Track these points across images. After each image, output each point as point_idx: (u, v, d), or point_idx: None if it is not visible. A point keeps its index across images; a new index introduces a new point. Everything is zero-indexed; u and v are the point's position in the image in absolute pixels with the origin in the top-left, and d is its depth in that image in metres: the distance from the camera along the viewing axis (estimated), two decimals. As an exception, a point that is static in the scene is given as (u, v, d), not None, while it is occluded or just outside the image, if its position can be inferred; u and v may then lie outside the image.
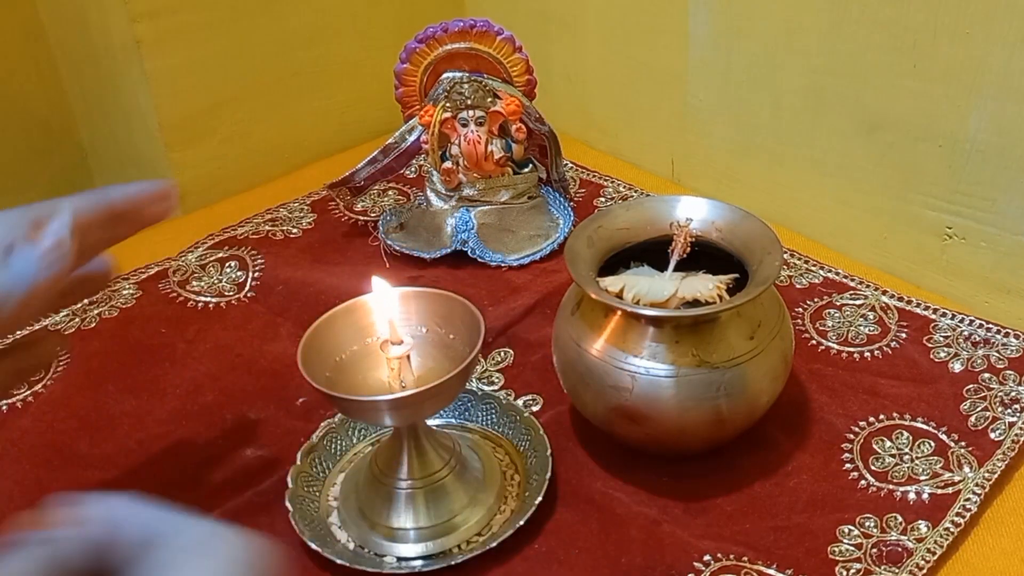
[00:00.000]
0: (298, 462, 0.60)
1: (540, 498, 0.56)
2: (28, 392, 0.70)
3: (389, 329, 0.55)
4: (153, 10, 0.86)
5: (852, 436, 0.62)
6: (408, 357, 0.54)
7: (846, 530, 0.56)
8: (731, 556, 0.54)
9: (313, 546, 0.54)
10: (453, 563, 0.53)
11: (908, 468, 0.59)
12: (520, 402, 0.66)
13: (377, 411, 0.53)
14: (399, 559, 0.54)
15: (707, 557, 0.54)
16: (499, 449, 0.61)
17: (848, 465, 0.60)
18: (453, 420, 0.64)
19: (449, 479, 0.56)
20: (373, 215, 0.88)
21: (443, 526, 0.55)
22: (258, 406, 0.68)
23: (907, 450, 0.61)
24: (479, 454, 0.60)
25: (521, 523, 0.54)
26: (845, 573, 0.53)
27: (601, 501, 0.58)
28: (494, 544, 0.54)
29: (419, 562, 0.54)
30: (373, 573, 0.53)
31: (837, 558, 0.54)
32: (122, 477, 0.63)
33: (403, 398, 0.51)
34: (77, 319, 0.77)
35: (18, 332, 0.53)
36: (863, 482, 0.59)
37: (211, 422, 0.67)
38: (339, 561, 0.53)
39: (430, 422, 0.59)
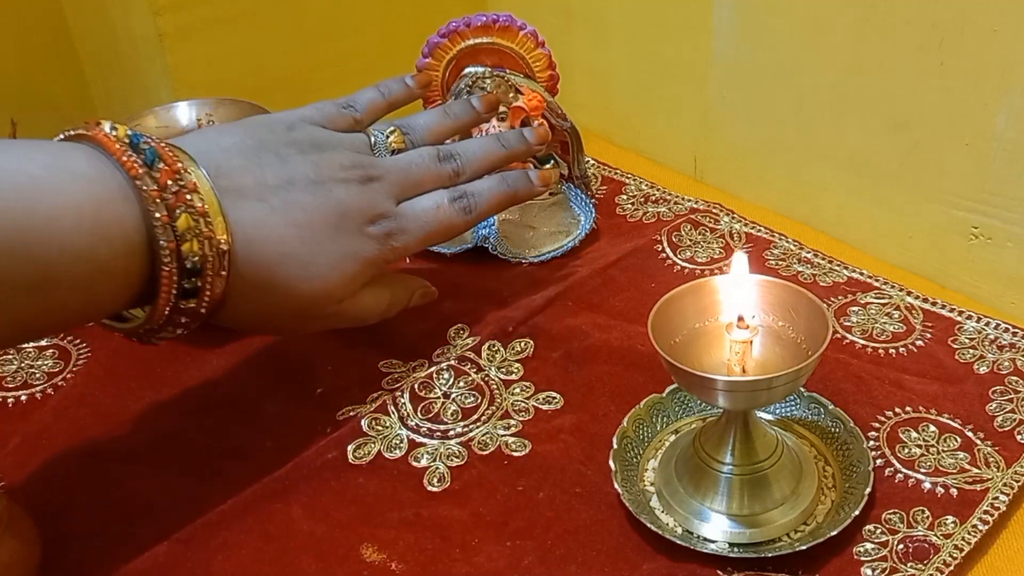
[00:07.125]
0: (615, 446, 0.60)
1: (869, 488, 0.55)
2: (48, 384, 0.70)
3: (738, 313, 0.55)
4: (176, 3, 0.86)
5: (878, 425, 0.62)
6: (751, 343, 0.55)
7: (871, 528, 0.55)
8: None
9: (652, 528, 0.54)
10: (790, 551, 0.53)
11: (935, 460, 0.59)
12: (542, 397, 0.66)
13: (711, 390, 0.52)
14: (730, 544, 0.54)
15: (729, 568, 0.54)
16: (803, 440, 0.61)
17: (874, 452, 0.60)
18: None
19: (772, 469, 0.56)
20: (393, 211, 0.88)
21: (765, 515, 0.55)
22: (276, 398, 0.67)
23: (933, 442, 0.60)
24: (791, 443, 0.60)
25: (856, 513, 0.54)
26: (871, 573, 0.52)
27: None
28: (834, 532, 0.53)
29: (744, 550, 0.54)
30: (708, 554, 0.53)
31: (862, 559, 0.53)
32: (141, 470, 0.62)
33: (749, 382, 0.52)
34: (97, 311, 0.77)
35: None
36: (889, 469, 0.59)
37: (230, 414, 0.67)
38: (679, 543, 0.54)
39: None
